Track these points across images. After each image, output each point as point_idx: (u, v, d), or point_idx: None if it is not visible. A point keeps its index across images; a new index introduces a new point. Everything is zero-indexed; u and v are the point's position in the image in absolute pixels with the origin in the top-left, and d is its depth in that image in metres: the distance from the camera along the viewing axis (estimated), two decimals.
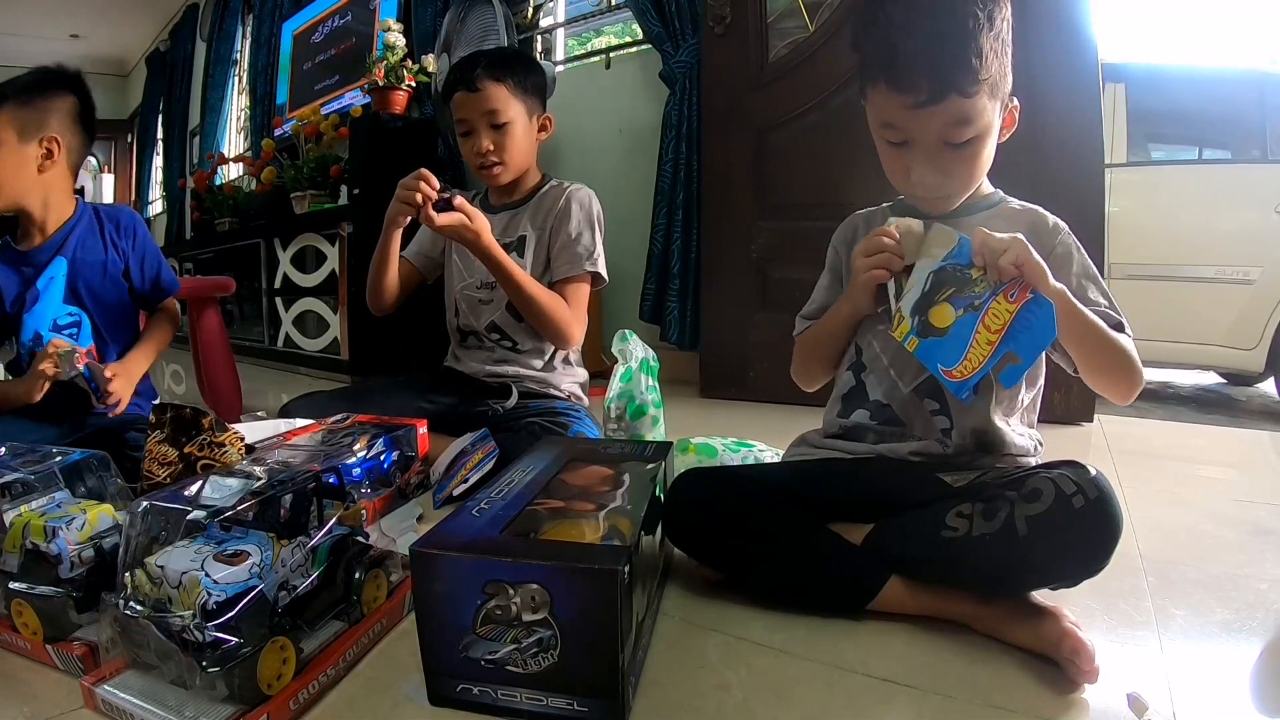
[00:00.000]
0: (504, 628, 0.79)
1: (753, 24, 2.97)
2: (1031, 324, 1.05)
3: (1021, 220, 1.19)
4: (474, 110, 1.86)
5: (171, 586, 0.80)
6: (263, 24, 6.23)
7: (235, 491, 0.91)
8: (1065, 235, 1.18)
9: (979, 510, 0.99)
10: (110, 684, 0.83)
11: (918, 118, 1.09)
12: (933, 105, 1.07)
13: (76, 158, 1.75)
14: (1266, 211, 3.89)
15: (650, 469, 1.15)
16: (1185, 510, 1.66)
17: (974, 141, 1.11)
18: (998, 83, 1.09)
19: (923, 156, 1.12)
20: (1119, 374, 1.09)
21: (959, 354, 1.08)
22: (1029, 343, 1.05)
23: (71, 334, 1.69)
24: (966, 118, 1.08)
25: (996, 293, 1.06)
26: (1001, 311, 1.06)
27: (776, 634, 1.03)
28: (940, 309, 1.11)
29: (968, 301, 1.08)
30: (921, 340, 1.12)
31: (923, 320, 1.12)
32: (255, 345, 4.76)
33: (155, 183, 9.03)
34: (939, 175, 1.13)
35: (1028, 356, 1.05)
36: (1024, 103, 1.20)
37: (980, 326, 1.07)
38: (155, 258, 1.85)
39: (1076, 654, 0.89)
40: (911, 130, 1.12)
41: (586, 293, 1.93)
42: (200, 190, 5.90)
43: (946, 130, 1.09)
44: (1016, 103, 1.16)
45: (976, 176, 1.18)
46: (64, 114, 1.70)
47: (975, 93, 1.06)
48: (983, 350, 1.07)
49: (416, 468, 1.48)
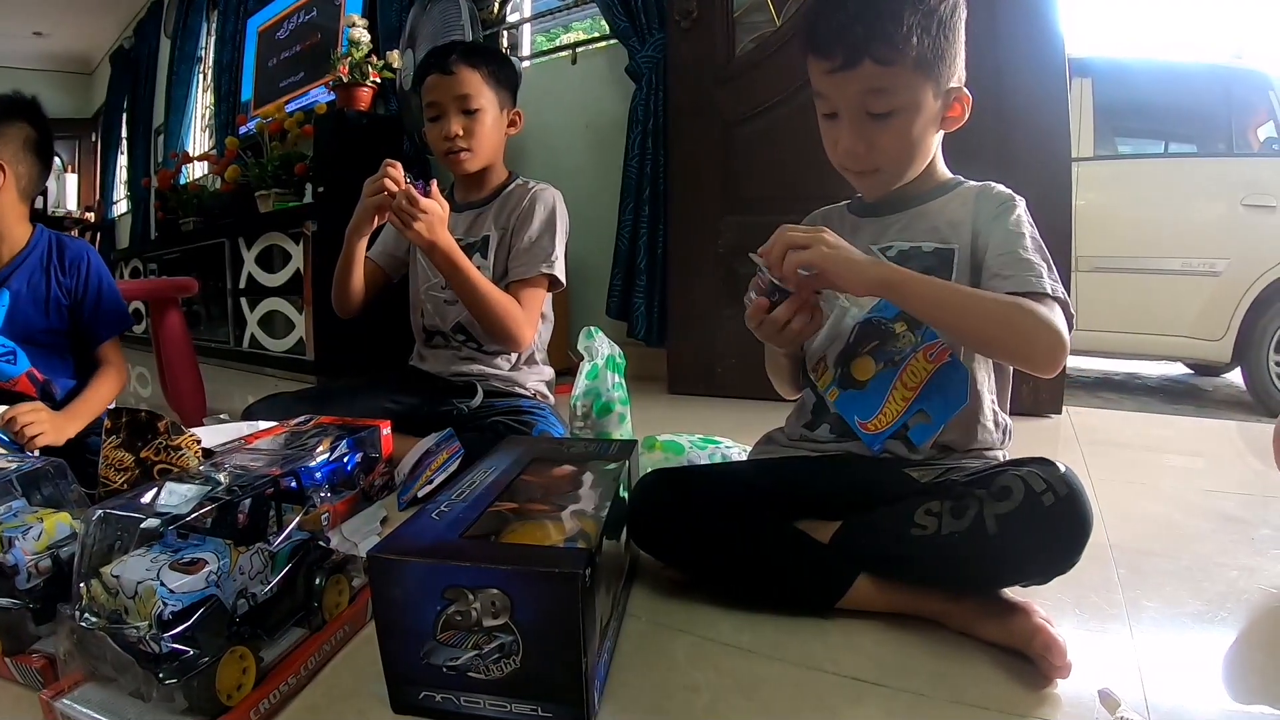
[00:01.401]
0: (465, 634, 0.78)
1: (719, 18, 2.96)
2: (945, 386, 1.09)
3: (971, 194, 1.19)
4: (446, 93, 1.85)
5: (127, 597, 0.78)
6: (227, 20, 6.16)
7: (192, 498, 0.89)
8: (1010, 200, 1.16)
9: (948, 508, 0.98)
10: (69, 697, 0.81)
11: (836, 83, 1.11)
12: (847, 70, 1.08)
13: (29, 185, 1.71)
14: (1232, 204, 3.94)
15: (614, 468, 1.14)
16: (1155, 501, 1.67)
17: (897, 116, 1.10)
18: (930, 62, 1.08)
19: (847, 125, 1.13)
20: (1005, 337, 1.02)
21: (875, 408, 1.12)
22: (942, 404, 1.09)
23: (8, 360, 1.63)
24: (883, 87, 1.08)
25: (917, 349, 1.09)
26: (919, 369, 1.10)
27: (744, 633, 1.03)
28: (862, 361, 1.15)
29: (889, 356, 1.12)
30: (841, 392, 1.16)
31: (844, 371, 1.17)
32: (220, 346, 4.70)
33: (120, 182, 8.90)
34: (862, 144, 1.13)
35: (939, 417, 1.09)
36: (992, 97, 1.21)
37: (898, 382, 1.11)
38: (97, 293, 1.77)
39: (1048, 649, 0.89)
40: (834, 98, 1.13)
41: (541, 296, 1.91)
42: (164, 189, 5.83)
43: (865, 99, 1.10)
44: (967, 94, 1.15)
45: (908, 156, 1.16)
46: (15, 141, 1.66)
47: (892, 62, 1.06)
48: (898, 405, 1.11)
49: (381, 469, 1.47)
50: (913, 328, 1.10)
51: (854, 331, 1.16)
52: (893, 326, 1.12)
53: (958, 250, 1.15)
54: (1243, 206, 3.91)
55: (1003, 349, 1.06)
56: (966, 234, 1.15)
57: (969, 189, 1.21)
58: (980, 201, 1.17)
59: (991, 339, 1.04)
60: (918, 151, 1.15)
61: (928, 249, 1.16)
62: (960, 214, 1.17)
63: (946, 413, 1.09)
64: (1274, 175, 3.95)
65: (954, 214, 1.17)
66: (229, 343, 4.65)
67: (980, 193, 1.18)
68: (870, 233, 1.24)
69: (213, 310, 4.84)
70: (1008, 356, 1.11)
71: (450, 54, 1.87)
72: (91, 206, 9.37)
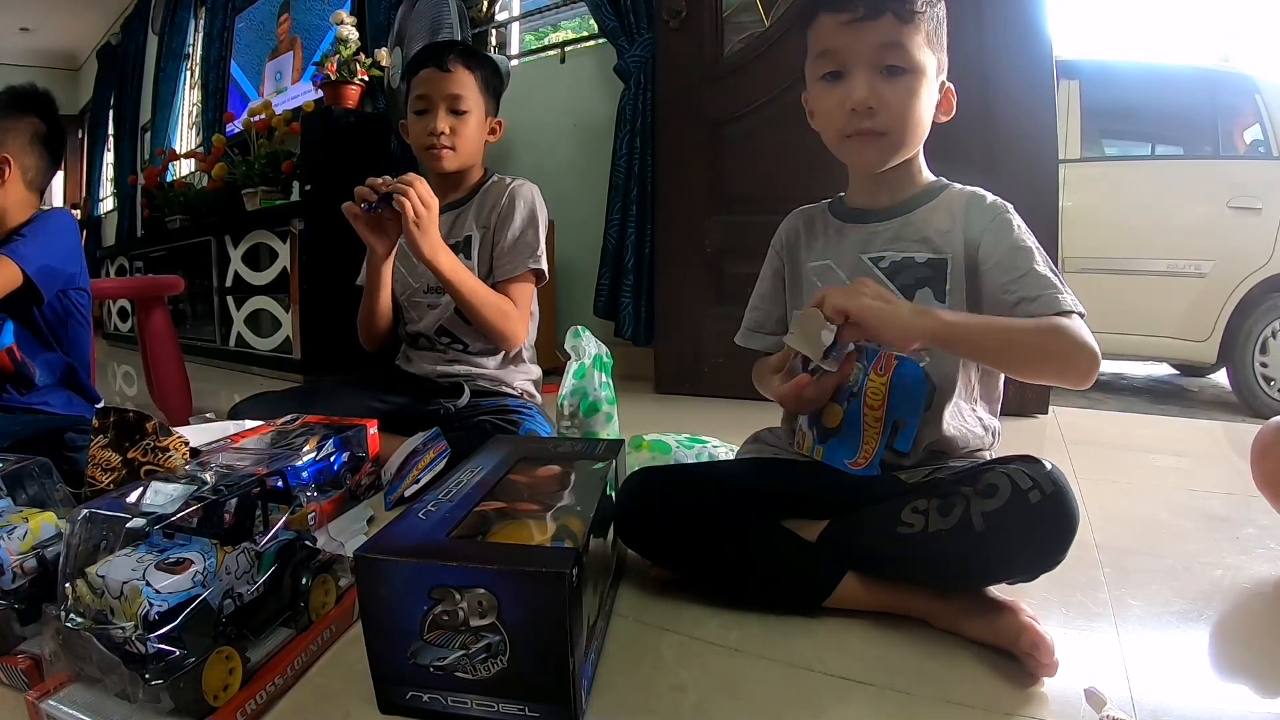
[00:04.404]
0: (452, 633, 0.78)
1: (708, 18, 2.96)
2: (905, 385, 1.11)
3: (959, 201, 1.18)
4: (438, 89, 1.85)
5: (113, 597, 0.77)
6: (215, 17, 6.14)
7: (178, 497, 0.88)
8: (1005, 211, 1.15)
9: (935, 506, 0.98)
10: (55, 698, 0.80)
11: (854, 34, 1.10)
12: (869, 20, 1.08)
13: (36, 177, 1.71)
14: (1218, 206, 3.96)
15: (601, 467, 1.13)
16: (1140, 500, 1.68)
17: (910, 75, 1.10)
18: (934, 37, 1.11)
19: (860, 76, 1.11)
20: (1046, 363, 1.04)
21: (856, 445, 1.15)
22: (908, 405, 1.11)
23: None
24: (900, 42, 1.09)
25: (867, 373, 1.12)
26: (877, 388, 1.12)
27: (731, 632, 1.03)
28: (828, 410, 1.18)
29: (847, 392, 1.15)
30: (824, 447, 1.19)
31: (819, 428, 1.20)
32: (207, 345, 4.68)
33: (106, 179, 8.87)
34: (874, 97, 1.11)
35: (911, 416, 1.12)
36: (980, 98, 1.21)
37: (864, 410, 1.14)
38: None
39: (1035, 647, 0.89)
40: (848, 51, 1.12)
41: (530, 292, 1.92)
42: (151, 187, 5.81)
43: (883, 52, 1.09)
44: (952, 87, 1.17)
45: (913, 125, 1.14)
46: (22, 135, 1.67)
47: (910, 20, 1.08)
48: (874, 430, 1.14)
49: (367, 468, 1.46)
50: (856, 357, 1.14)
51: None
52: None
53: (950, 260, 1.14)
54: (1229, 208, 3.93)
55: (1043, 373, 1.08)
56: (959, 243, 1.14)
57: (955, 195, 1.20)
58: (971, 210, 1.15)
59: (1033, 365, 1.06)
60: (920, 125, 1.14)
61: (920, 259, 1.16)
62: (949, 222, 1.16)
63: (915, 409, 1.11)
64: (1260, 177, 3.98)
65: (943, 222, 1.16)
66: (215, 341, 4.63)
67: (970, 201, 1.17)
68: (857, 240, 1.22)
69: (199, 308, 4.82)
70: (1048, 378, 1.12)
71: (449, 52, 1.88)
72: (78, 203, 9.33)
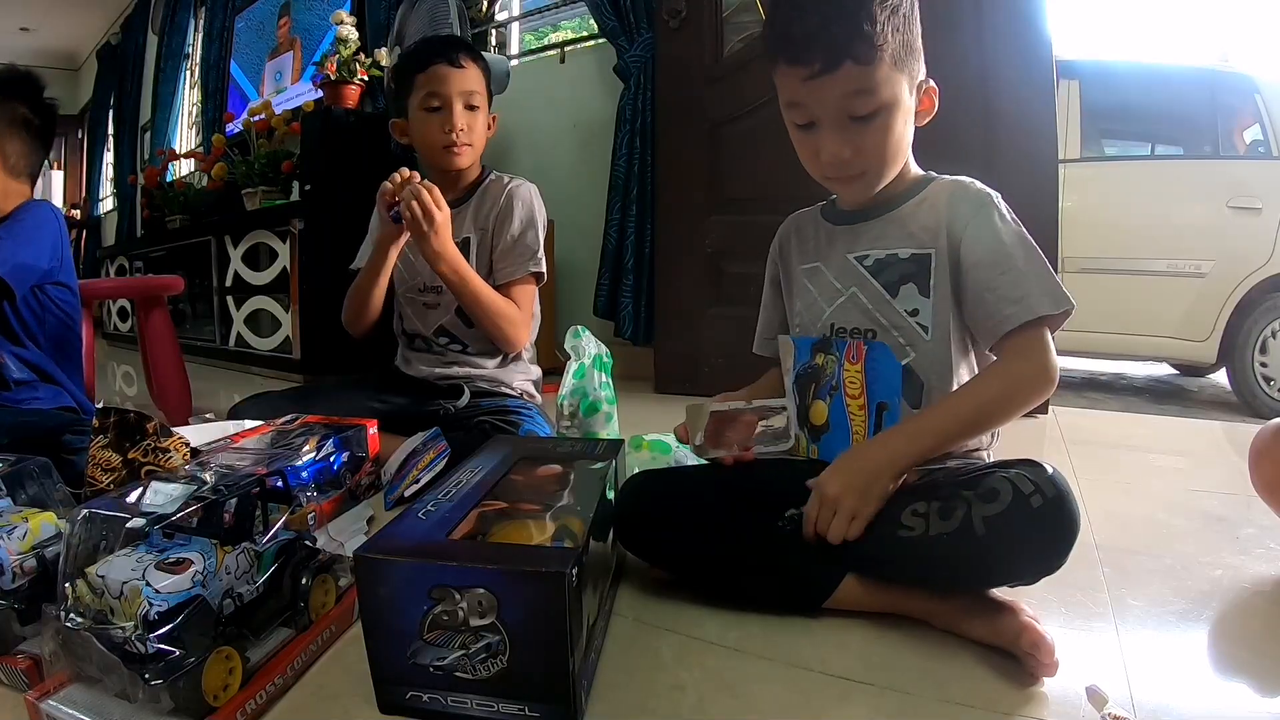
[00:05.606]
0: (452, 633, 0.78)
1: (708, 18, 2.96)
2: (878, 369, 1.13)
3: (944, 194, 1.17)
4: (453, 86, 1.84)
5: (113, 597, 0.77)
6: (215, 17, 6.13)
7: (177, 497, 0.88)
8: (987, 204, 1.14)
9: (935, 509, 0.98)
10: (55, 698, 0.80)
11: (816, 89, 1.08)
12: (828, 74, 1.06)
13: (19, 163, 1.69)
14: (1218, 206, 3.96)
15: (600, 468, 1.13)
16: (1140, 500, 1.67)
17: (881, 115, 1.09)
18: (901, 56, 1.07)
19: (829, 132, 1.11)
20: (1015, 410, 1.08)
21: (846, 437, 1.17)
22: (886, 387, 1.13)
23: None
24: (865, 87, 1.06)
25: (841, 364, 1.15)
26: (854, 376, 1.15)
27: (731, 632, 1.02)
28: (814, 408, 1.21)
29: (828, 387, 1.18)
30: (818, 445, 1.21)
31: (809, 427, 1.22)
32: (207, 345, 4.68)
33: (106, 179, 8.86)
34: (848, 149, 1.10)
35: (891, 397, 1.13)
36: (979, 98, 1.21)
37: (846, 400, 1.16)
38: None
39: (1035, 647, 0.89)
40: (813, 105, 1.10)
41: (532, 294, 1.92)
42: (151, 187, 5.80)
43: (847, 102, 1.07)
44: (933, 85, 1.15)
45: (892, 155, 1.14)
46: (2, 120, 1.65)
47: (871, 61, 1.05)
48: (859, 418, 1.16)
49: (367, 468, 1.46)
50: (824, 350, 1.19)
51: (794, 393, 1.23)
52: (815, 362, 1.19)
53: (934, 254, 1.13)
54: (1228, 208, 3.94)
55: (1016, 416, 1.09)
56: (943, 237, 1.13)
57: (940, 187, 1.19)
58: (954, 204, 1.14)
59: (1008, 416, 1.08)
60: (901, 150, 1.14)
61: (904, 255, 1.15)
62: (933, 217, 1.15)
63: (894, 389, 1.12)
64: (1259, 177, 3.99)
65: (927, 217, 1.15)
66: (215, 341, 4.62)
67: (954, 193, 1.16)
68: (845, 242, 1.23)
69: (199, 308, 4.82)
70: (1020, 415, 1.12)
71: (456, 48, 1.87)
72: (78, 204, 9.31)
